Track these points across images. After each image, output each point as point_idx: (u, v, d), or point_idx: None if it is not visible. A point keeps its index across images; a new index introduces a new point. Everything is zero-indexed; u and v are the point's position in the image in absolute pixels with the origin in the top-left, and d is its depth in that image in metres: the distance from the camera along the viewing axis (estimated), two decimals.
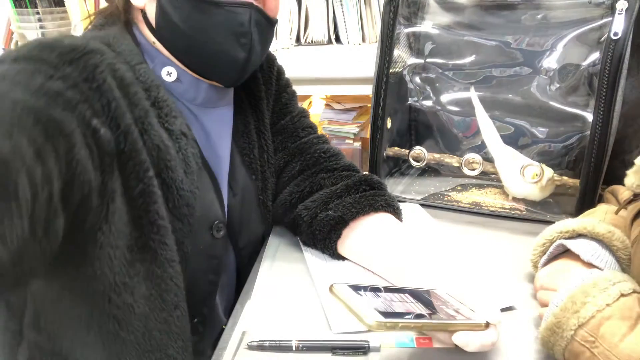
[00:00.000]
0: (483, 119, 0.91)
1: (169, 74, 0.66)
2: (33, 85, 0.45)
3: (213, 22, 0.62)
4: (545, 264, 0.65)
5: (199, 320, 0.68)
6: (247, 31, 0.63)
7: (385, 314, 0.45)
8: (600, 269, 0.59)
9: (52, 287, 0.56)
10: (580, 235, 0.63)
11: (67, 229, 0.45)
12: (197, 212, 0.63)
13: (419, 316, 0.48)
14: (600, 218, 0.65)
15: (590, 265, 0.59)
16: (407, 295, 0.52)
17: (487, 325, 0.51)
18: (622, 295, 0.49)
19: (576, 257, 0.61)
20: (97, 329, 0.56)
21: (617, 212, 0.63)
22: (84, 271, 0.53)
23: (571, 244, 0.62)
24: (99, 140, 0.49)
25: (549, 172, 0.84)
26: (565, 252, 0.64)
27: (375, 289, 0.51)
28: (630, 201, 0.63)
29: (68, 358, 0.60)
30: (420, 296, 0.53)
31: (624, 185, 0.57)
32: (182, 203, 0.61)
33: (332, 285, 0.48)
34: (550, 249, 0.64)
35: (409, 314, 0.47)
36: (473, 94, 0.92)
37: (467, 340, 0.50)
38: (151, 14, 0.64)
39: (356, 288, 0.49)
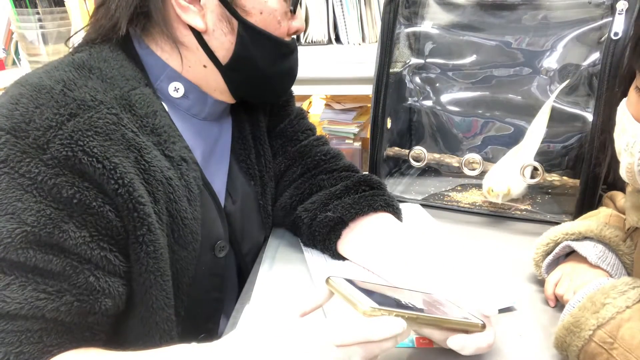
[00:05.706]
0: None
1: (176, 89, 0.65)
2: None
3: (284, 61, 0.69)
4: (549, 265, 0.65)
5: (205, 336, 0.68)
6: (295, 65, 0.73)
7: (380, 303, 0.45)
8: (607, 272, 0.59)
9: None
10: (586, 238, 0.63)
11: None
12: (201, 237, 0.63)
13: (415, 309, 0.48)
14: (604, 221, 0.65)
15: (597, 268, 0.59)
16: (404, 292, 0.52)
17: (484, 326, 0.51)
18: None
19: (583, 259, 0.61)
20: None
21: (624, 240, 0.62)
22: None
23: (578, 246, 0.62)
24: (102, 218, 0.52)
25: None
26: (570, 254, 0.64)
27: (373, 284, 0.51)
28: (635, 229, 0.62)
29: None
30: (417, 296, 0.53)
31: (623, 189, 0.56)
32: (187, 232, 0.60)
33: (328, 278, 0.49)
34: (556, 250, 0.64)
35: (405, 307, 0.47)
36: None
37: (462, 344, 0.50)
38: (220, 42, 0.63)
39: (352, 282, 0.49)
